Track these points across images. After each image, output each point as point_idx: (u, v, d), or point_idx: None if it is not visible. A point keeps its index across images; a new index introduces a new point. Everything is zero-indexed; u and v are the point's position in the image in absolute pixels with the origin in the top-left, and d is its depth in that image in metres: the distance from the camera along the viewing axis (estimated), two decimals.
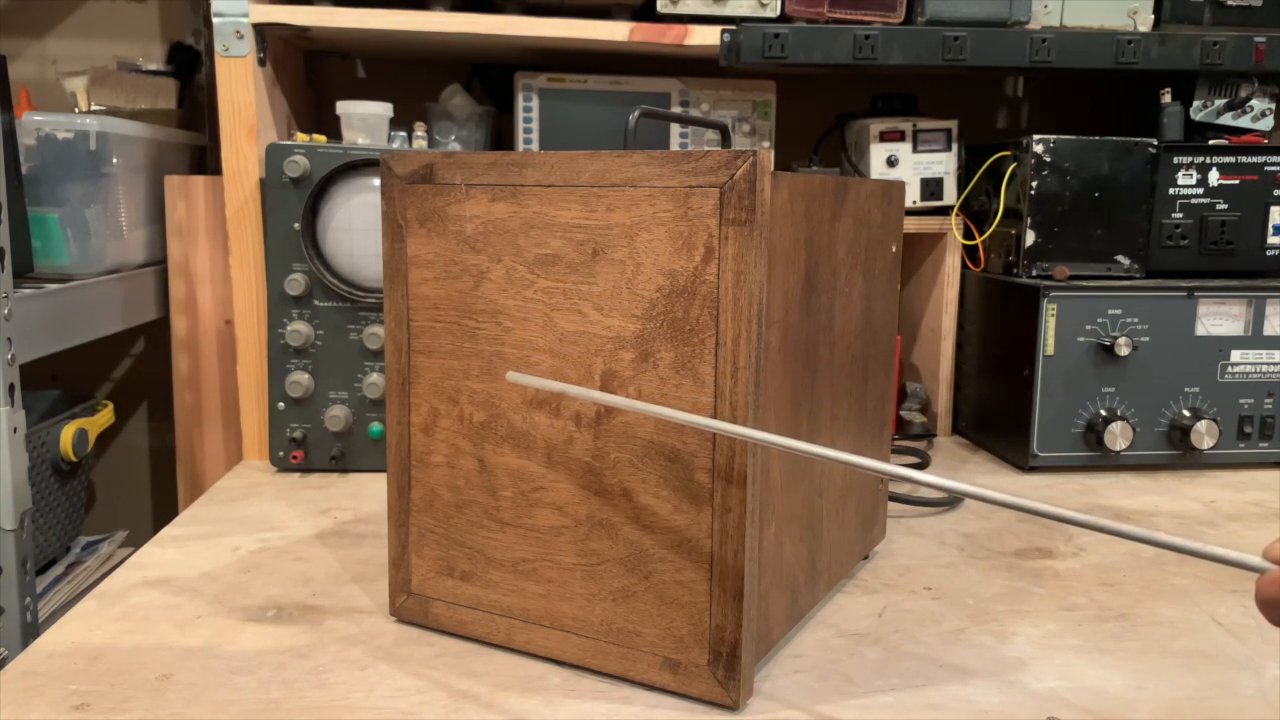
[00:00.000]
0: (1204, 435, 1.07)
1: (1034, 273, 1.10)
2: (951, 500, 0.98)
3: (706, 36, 1.08)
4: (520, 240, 0.62)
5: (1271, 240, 1.12)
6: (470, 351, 0.65)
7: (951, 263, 1.22)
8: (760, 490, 0.59)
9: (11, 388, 0.84)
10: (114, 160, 1.05)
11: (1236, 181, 1.11)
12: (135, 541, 1.12)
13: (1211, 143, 1.11)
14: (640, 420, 0.59)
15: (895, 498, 0.96)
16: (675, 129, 1.17)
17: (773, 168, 0.55)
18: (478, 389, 0.65)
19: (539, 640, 0.65)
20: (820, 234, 0.64)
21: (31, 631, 0.86)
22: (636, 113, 0.67)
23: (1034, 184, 1.09)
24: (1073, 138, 1.09)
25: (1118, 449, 1.06)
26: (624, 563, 0.61)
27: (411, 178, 0.66)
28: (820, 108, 1.35)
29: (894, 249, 0.79)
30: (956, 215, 1.20)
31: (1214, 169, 1.10)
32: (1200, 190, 1.11)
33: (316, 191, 0.99)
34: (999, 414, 1.15)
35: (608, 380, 0.60)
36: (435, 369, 0.67)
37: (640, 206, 0.58)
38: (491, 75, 1.32)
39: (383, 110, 1.04)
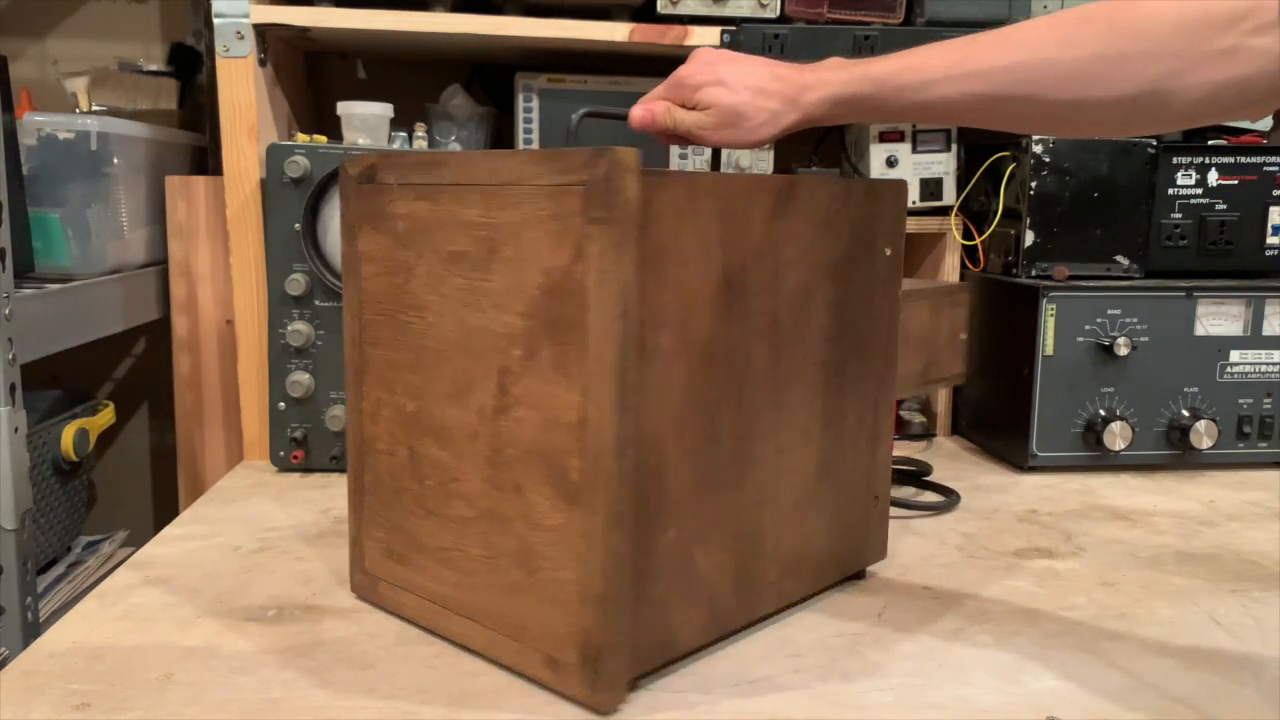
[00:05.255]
0: (1203, 435, 1.07)
1: (1033, 273, 1.11)
2: (948, 504, 0.97)
3: (706, 37, 1.08)
4: (437, 237, 0.64)
5: (1270, 240, 1.12)
6: (403, 344, 0.67)
7: (951, 263, 1.22)
8: (643, 494, 0.58)
9: (12, 388, 0.84)
10: (115, 160, 1.05)
11: (1235, 182, 1.11)
12: (136, 541, 1.12)
13: (1210, 143, 1.12)
14: (528, 416, 0.59)
15: (893, 502, 0.94)
16: None
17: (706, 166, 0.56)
18: (410, 380, 0.67)
19: (455, 628, 0.66)
20: (747, 235, 0.63)
21: (32, 631, 0.86)
22: (580, 113, 0.69)
23: (1033, 184, 1.09)
24: (1072, 138, 1.09)
25: (1117, 449, 1.06)
26: (515, 557, 0.61)
27: (360, 179, 0.69)
28: None
29: (887, 251, 0.75)
30: (956, 215, 1.20)
31: (1213, 169, 1.11)
32: (1199, 190, 1.11)
33: (317, 192, 0.99)
34: (998, 414, 1.15)
35: (503, 376, 0.61)
36: (379, 360, 0.69)
37: (524, 205, 0.58)
38: (491, 76, 1.32)
39: (383, 111, 1.04)
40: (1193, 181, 1.11)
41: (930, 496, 1.00)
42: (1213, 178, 1.11)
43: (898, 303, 0.76)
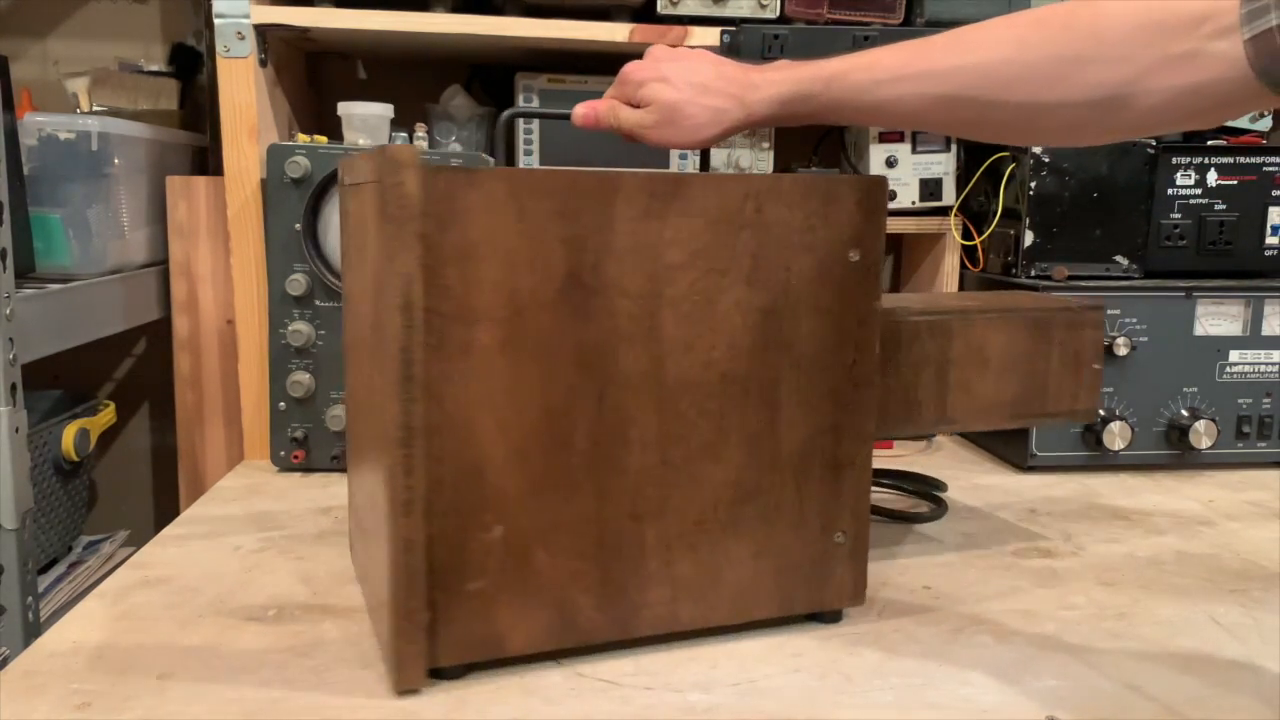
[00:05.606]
0: (1202, 435, 1.07)
1: (1033, 273, 1.11)
2: (934, 515, 0.94)
3: (706, 38, 1.08)
4: (354, 233, 0.68)
5: (1270, 240, 1.12)
6: (357, 331, 0.71)
7: (951, 263, 1.22)
8: (454, 487, 0.59)
9: (13, 388, 0.84)
10: (115, 161, 1.05)
11: (1235, 182, 1.11)
12: (137, 541, 1.12)
13: (1210, 143, 1.12)
14: (383, 397, 0.60)
15: (880, 511, 0.92)
16: None
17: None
18: (361, 362, 0.70)
19: (364, 592, 0.72)
20: (605, 235, 0.61)
21: (33, 631, 0.87)
22: (507, 113, 0.70)
23: (1033, 184, 1.09)
24: None
25: (1116, 449, 1.06)
26: (374, 534, 0.64)
27: (340, 180, 0.75)
28: None
29: (853, 256, 0.66)
30: (955, 215, 1.20)
31: (1212, 169, 1.11)
32: (1199, 191, 1.11)
33: (317, 192, 0.99)
34: None
35: (370, 364, 0.64)
36: (352, 345, 0.74)
37: (371, 202, 0.60)
38: (492, 76, 1.32)
39: (383, 111, 1.04)
40: (1192, 181, 1.11)
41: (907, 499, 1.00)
42: (1212, 178, 1.11)
43: (875, 316, 0.68)
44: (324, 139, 1.01)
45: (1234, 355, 1.09)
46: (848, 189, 0.66)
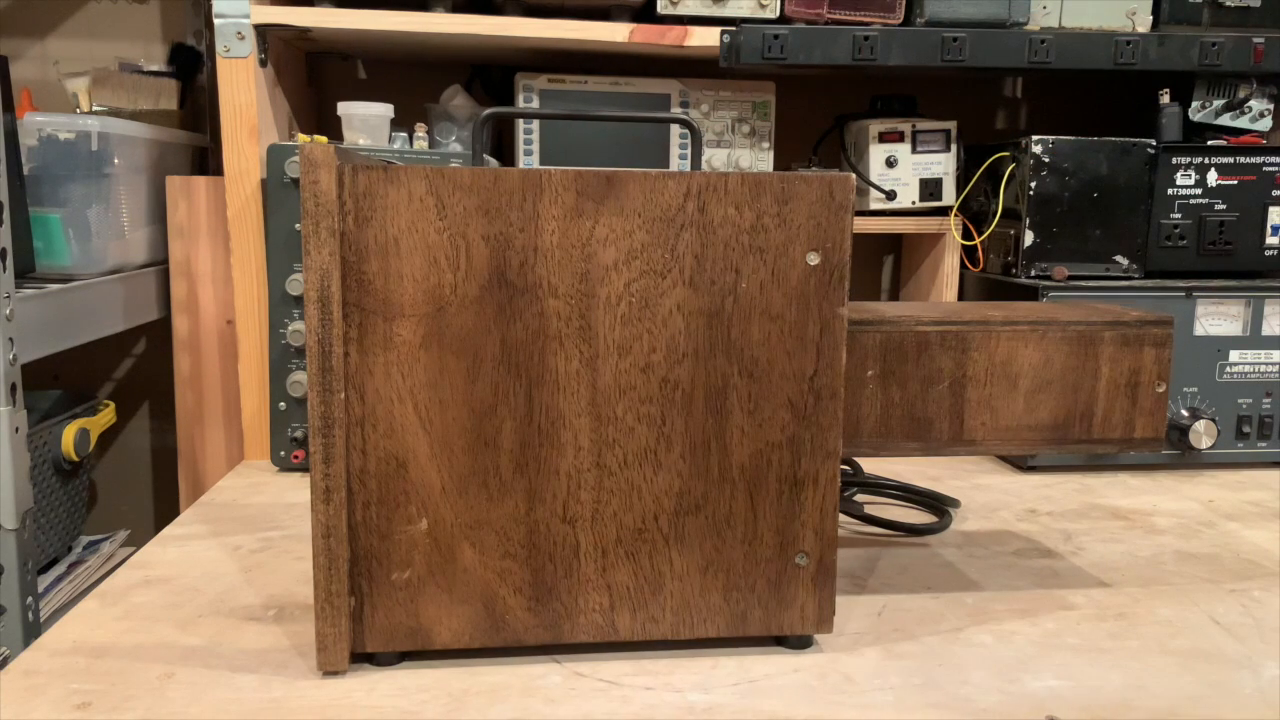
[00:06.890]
0: (1202, 435, 1.07)
1: (1033, 273, 1.11)
2: (938, 527, 0.91)
3: (706, 37, 1.08)
4: None
5: (1270, 240, 1.13)
6: None
7: (951, 263, 1.22)
8: (376, 479, 0.61)
9: (13, 387, 0.84)
10: (115, 161, 1.05)
11: (1235, 182, 1.11)
12: (137, 541, 1.12)
13: (1210, 143, 1.12)
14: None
15: (875, 521, 0.91)
16: (675, 130, 1.18)
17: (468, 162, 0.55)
18: None
19: None
20: (531, 233, 0.60)
21: (33, 631, 0.87)
22: (485, 113, 0.71)
23: (1033, 184, 1.09)
24: (1071, 138, 1.09)
25: None
26: None
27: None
28: (820, 108, 1.35)
29: (812, 260, 0.63)
30: (955, 215, 1.20)
31: (1212, 169, 1.11)
32: (1199, 191, 1.11)
33: None
34: None
35: None
36: None
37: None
38: (492, 76, 1.32)
39: (384, 111, 1.04)
40: (1192, 181, 1.11)
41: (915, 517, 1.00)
42: (1212, 178, 1.11)
43: (840, 324, 0.63)
44: (324, 139, 1.01)
45: (1234, 355, 1.09)
46: (805, 188, 0.62)
